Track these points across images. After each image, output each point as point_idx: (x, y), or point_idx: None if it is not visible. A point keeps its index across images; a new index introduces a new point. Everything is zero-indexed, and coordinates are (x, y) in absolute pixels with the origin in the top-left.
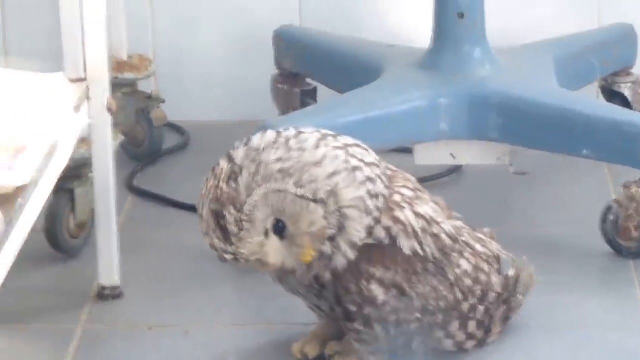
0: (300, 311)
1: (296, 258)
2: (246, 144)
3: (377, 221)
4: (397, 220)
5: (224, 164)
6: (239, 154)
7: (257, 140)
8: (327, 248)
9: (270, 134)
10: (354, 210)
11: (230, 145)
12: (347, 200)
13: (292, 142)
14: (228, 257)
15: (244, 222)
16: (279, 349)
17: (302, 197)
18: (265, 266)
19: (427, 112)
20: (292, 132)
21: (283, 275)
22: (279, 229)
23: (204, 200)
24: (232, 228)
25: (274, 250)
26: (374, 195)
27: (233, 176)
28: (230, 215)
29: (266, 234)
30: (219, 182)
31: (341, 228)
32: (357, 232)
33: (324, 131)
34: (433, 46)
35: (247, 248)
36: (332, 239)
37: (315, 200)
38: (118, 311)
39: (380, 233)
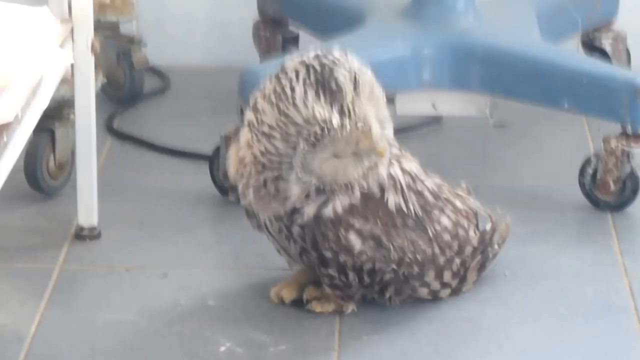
0: (279, 256)
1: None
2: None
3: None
4: (389, 176)
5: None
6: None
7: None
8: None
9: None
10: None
11: (211, 90)
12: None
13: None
14: (335, 121)
15: (358, 81)
16: (256, 292)
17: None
18: (367, 138)
19: (410, 62)
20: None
21: (255, 208)
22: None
23: (299, 69)
24: (348, 86)
25: (375, 126)
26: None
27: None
28: (342, 75)
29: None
30: (319, 54)
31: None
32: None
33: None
34: None
35: (358, 109)
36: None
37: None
38: (96, 252)
39: (374, 185)
